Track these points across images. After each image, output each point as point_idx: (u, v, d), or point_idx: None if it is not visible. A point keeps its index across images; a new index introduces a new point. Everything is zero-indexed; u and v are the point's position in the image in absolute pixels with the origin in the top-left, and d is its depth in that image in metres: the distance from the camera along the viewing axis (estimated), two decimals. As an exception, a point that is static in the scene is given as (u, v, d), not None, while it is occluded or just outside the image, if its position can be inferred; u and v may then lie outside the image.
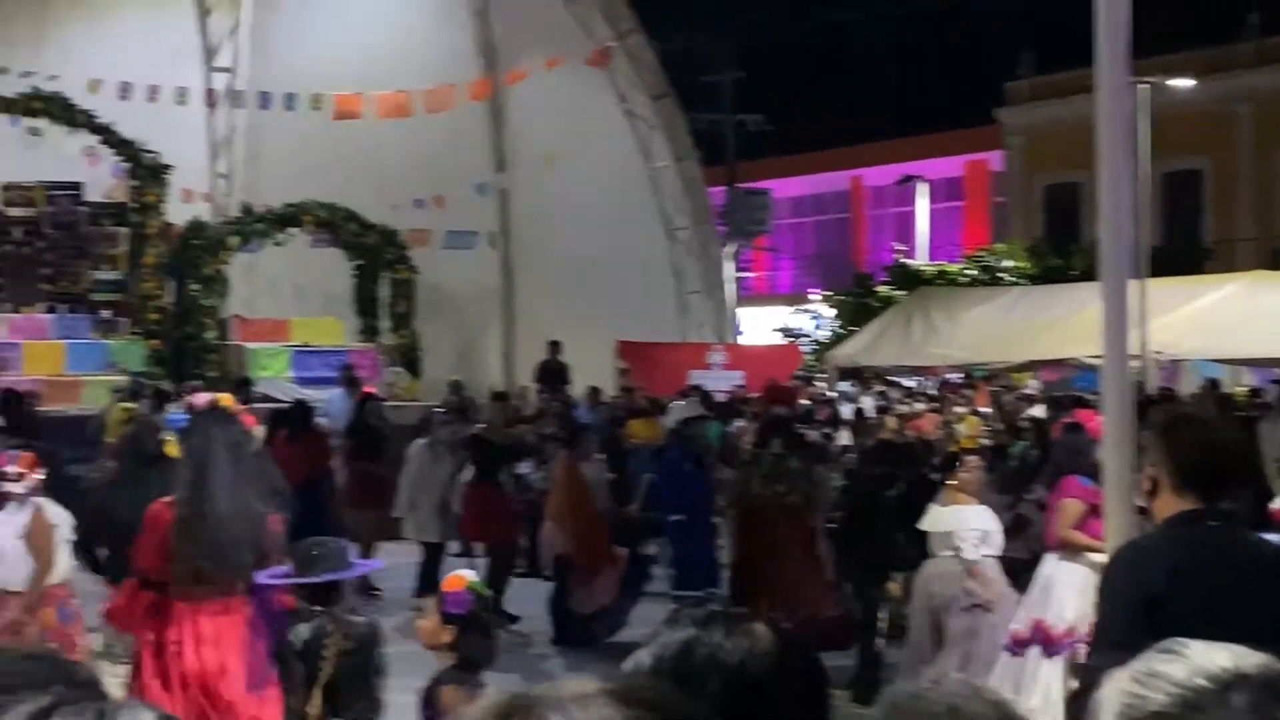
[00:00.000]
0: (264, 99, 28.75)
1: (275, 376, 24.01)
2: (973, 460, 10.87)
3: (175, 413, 8.49)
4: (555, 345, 26.27)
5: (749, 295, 44.00)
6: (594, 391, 23.23)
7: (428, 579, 14.30)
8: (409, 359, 25.75)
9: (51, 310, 24.33)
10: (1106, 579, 4.45)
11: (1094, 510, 9.48)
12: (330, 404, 20.10)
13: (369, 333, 26.17)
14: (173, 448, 9.42)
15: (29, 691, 2.26)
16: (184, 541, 7.68)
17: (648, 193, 30.46)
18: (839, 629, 11.54)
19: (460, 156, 29.72)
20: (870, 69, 46.15)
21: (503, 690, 1.38)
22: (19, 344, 23.09)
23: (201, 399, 8.40)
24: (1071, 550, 9.80)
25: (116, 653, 9.95)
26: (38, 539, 9.29)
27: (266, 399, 22.93)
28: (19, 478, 9.31)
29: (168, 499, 7.91)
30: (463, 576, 6.05)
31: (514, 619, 13.90)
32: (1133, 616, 4.13)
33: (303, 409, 16.96)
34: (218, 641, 7.64)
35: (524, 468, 19.68)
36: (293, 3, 30.68)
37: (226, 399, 8.37)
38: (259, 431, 8.59)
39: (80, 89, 25.04)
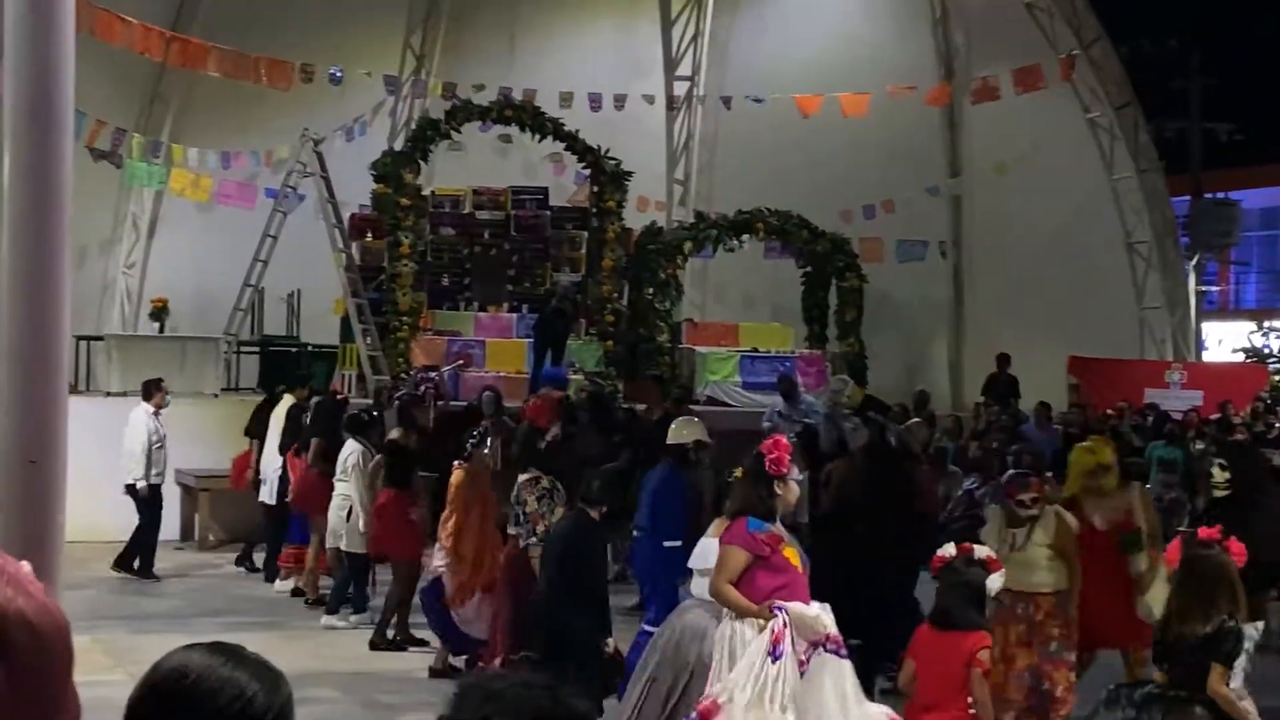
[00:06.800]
0: (726, 102, 29.37)
1: (724, 380, 24.42)
2: None
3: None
4: (1004, 358, 25.79)
5: (1212, 310, 42.17)
6: (1043, 407, 22.65)
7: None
8: (855, 368, 25.72)
9: (515, 310, 25.28)
10: None
11: (762, 562, 8.22)
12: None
13: (816, 340, 26.27)
14: None
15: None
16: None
17: (1108, 204, 29.57)
18: None
19: (914, 163, 29.60)
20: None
21: None
22: (484, 342, 24.14)
23: None
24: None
25: None
26: (1061, 541, 10.18)
27: (712, 402, 23.41)
28: (1035, 503, 10.28)
29: None
30: None
31: (420, 643, 13.52)
32: None
33: None
34: None
35: (969, 483, 19.39)
36: (753, 12, 31.17)
37: None
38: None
39: (547, 99, 26.06)
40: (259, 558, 17.98)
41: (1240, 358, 37.33)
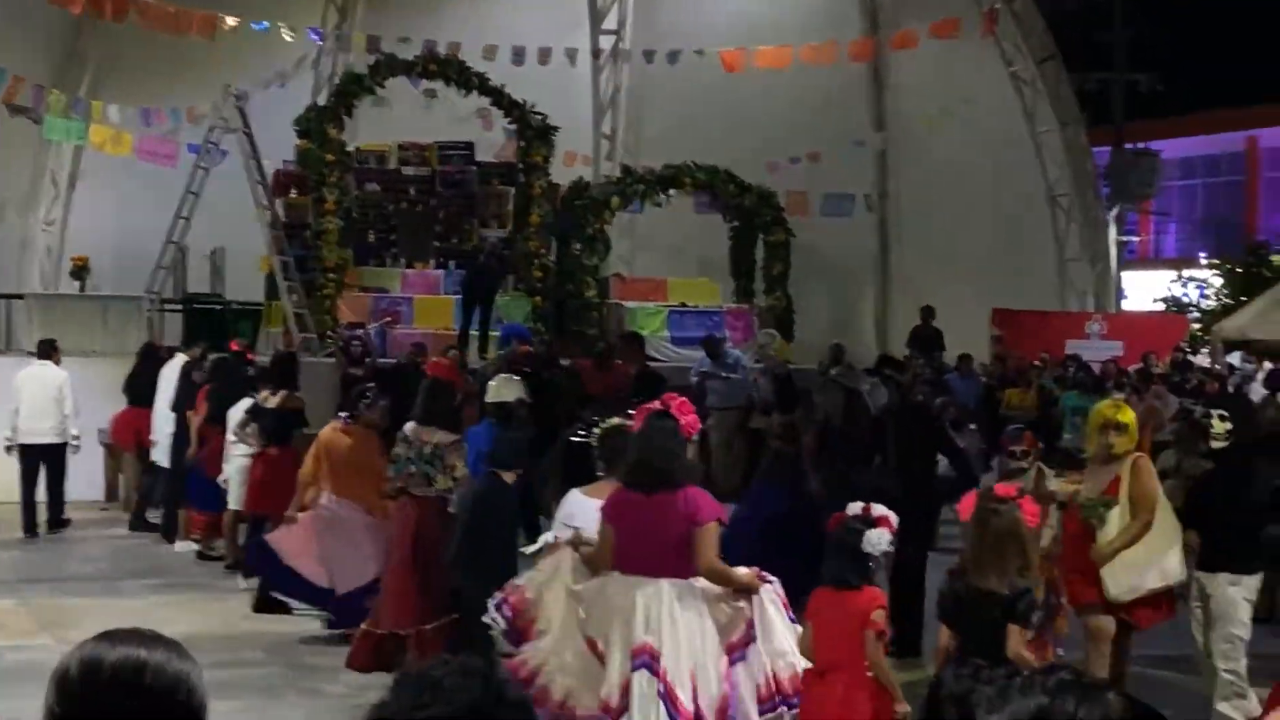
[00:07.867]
0: (648, 56, 29.22)
1: (652, 335, 24.42)
2: None
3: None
4: (929, 311, 25.96)
5: (1132, 260, 42.60)
6: (965, 359, 22.87)
7: None
8: (782, 321, 25.79)
9: (442, 266, 25.16)
10: None
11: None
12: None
13: (744, 294, 26.32)
14: None
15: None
16: None
17: (1030, 157, 29.75)
18: None
19: (839, 117, 29.66)
20: (1271, 24, 43.87)
21: None
22: (410, 299, 24.05)
23: None
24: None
25: None
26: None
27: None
28: (1024, 455, 10.12)
29: None
30: None
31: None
32: None
33: None
34: None
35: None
36: (678, -35, 31.10)
37: None
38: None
39: (471, 53, 25.87)
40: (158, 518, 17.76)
41: (1160, 307, 37.74)
